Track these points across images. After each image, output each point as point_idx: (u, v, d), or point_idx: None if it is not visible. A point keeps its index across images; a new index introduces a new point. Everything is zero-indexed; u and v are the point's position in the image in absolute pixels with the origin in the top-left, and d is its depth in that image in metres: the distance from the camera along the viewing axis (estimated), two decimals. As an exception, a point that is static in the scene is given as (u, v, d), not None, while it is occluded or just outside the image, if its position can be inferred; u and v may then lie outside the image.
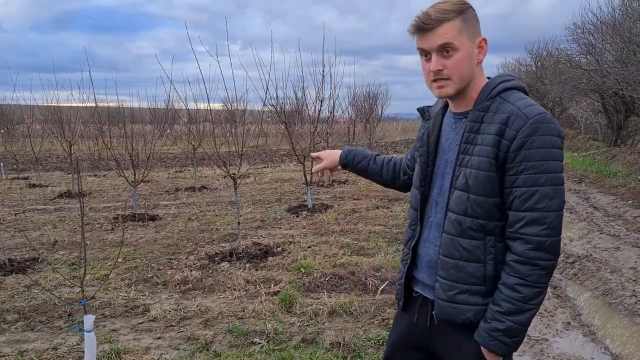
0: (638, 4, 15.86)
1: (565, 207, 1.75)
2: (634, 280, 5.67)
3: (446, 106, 2.01)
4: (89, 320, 3.69)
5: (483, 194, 1.77)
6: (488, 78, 1.90)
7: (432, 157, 1.98)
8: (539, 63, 33.28)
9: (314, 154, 2.60)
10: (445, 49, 1.78)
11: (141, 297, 5.40)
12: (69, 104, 14.70)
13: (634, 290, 5.38)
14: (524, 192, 1.70)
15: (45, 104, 14.98)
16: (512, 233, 1.74)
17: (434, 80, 1.84)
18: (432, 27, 1.77)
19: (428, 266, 1.98)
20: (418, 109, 2.14)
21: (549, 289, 5.54)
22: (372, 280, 5.59)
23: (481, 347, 1.81)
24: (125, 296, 5.43)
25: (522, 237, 1.71)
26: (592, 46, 18.94)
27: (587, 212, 9.38)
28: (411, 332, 2.11)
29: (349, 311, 4.86)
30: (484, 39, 1.84)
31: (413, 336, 2.11)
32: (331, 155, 2.48)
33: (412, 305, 2.11)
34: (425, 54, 1.83)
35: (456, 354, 1.94)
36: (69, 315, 4.99)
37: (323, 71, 10.31)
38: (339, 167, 2.47)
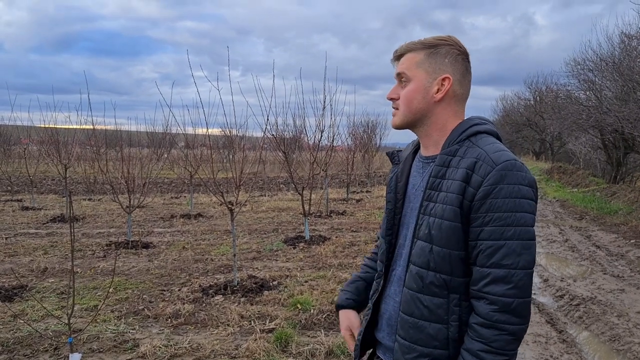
0: (637, 42, 15.95)
1: (567, 245, 1.59)
2: (641, 326, 5.48)
3: (416, 151, 1.88)
4: (75, 359, 3.49)
5: (447, 245, 1.59)
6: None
7: (400, 204, 1.83)
8: (537, 97, 33.50)
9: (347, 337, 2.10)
10: (401, 79, 1.75)
11: (131, 331, 5.20)
12: (67, 126, 14.61)
13: (642, 337, 5.19)
14: (489, 246, 1.52)
15: (43, 125, 14.89)
16: (476, 291, 1.55)
17: None
18: (398, 55, 1.78)
19: (387, 324, 1.80)
20: (387, 154, 2.00)
21: (554, 333, 5.37)
22: (371, 319, 5.39)
23: None
24: (114, 329, 5.23)
25: (486, 297, 1.52)
26: (592, 83, 19.02)
27: (590, 251, 9.21)
28: None
29: (347, 352, 4.66)
30: (447, 78, 1.70)
31: None
32: (348, 320, 2.05)
33: None
34: None
35: None
36: (55, 349, 4.78)
37: (324, 101, 10.24)
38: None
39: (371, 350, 1.97)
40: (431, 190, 1.67)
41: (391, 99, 1.78)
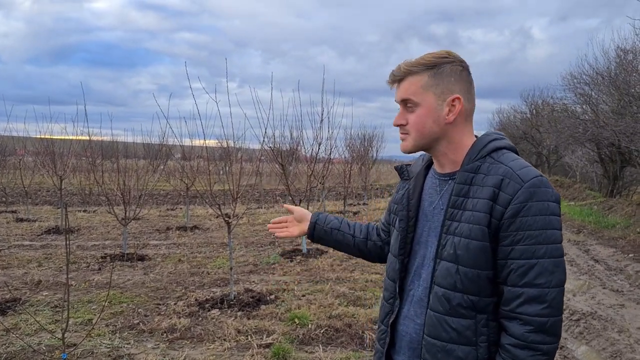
0: (633, 56, 16.00)
1: (565, 258, 1.55)
2: (643, 342, 5.43)
3: (429, 166, 1.83)
4: (67, 375, 3.42)
5: (475, 266, 1.55)
6: (476, 137, 1.73)
7: (412, 223, 1.77)
8: (534, 111, 33.58)
9: (286, 206, 2.33)
10: (407, 104, 1.69)
11: (125, 346, 5.11)
12: (62, 137, 14.53)
13: (644, 353, 5.14)
14: (521, 265, 1.49)
15: (39, 136, 14.81)
16: (508, 312, 1.52)
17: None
18: (398, 79, 1.70)
19: (409, 347, 1.74)
20: (396, 168, 1.96)
21: (555, 349, 5.31)
22: (369, 334, 5.33)
23: None
24: (109, 344, 5.15)
25: (520, 317, 1.49)
26: (588, 96, 19.06)
27: (588, 265, 9.17)
28: None
29: (346, 368, 4.60)
30: (457, 98, 1.65)
31: None
32: (301, 214, 2.24)
33: None
34: None
35: None
36: (48, 364, 4.70)
37: (322, 114, 10.20)
38: (306, 234, 2.21)
39: None
40: (454, 209, 1.62)
41: (399, 125, 1.73)
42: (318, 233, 2.18)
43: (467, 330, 1.57)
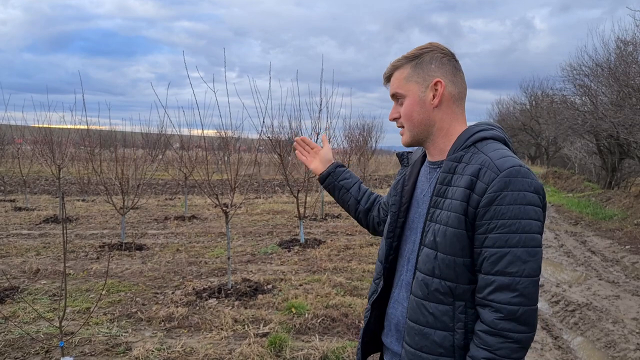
0: (633, 47, 15.97)
1: (562, 250, 1.56)
2: (637, 333, 5.46)
3: (425, 154, 1.88)
4: (65, 363, 3.44)
5: (452, 253, 1.58)
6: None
7: (404, 208, 1.83)
8: (533, 102, 33.58)
9: (324, 138, 2.49)
10: (397, 98, 1.78)
11: (123, 334, 5.14)
12: (61, 126, 14.52)
13: (638, 344, 5.17)
14: (494, 253, 1.51)
15: (37, 125, 14.80)
16: (481, 299, 1.54)
17: None
18: (387, 77, 1.81)
19: (396, 329, 1.81)
20: (397, 154, 2.02)
21: (550, 339, 5.35)
22: (366, 324, 5.35)
23: None
24: (106, 332, 5.17)
25: (491, 305, 1.51)
26: (587, 88, 19.03)
27: (585, 257, 9.20)
28: None
29: (342, 358, 4.63)
30: (439, 81, 1.70)
31: None
32: (325, 156, 2.38)
33: None
34: None
35: None
36: (47, 352, 4.73)
37: (320, 104, 10.18)
38: (317, 175, 2.36)
39: (378, 354, 1.99)
40: (437, 197, 1.67)
41: (394, 120, 1.80)
42: (328, 183, 2.32)
43: (444, 316, 1.60)
